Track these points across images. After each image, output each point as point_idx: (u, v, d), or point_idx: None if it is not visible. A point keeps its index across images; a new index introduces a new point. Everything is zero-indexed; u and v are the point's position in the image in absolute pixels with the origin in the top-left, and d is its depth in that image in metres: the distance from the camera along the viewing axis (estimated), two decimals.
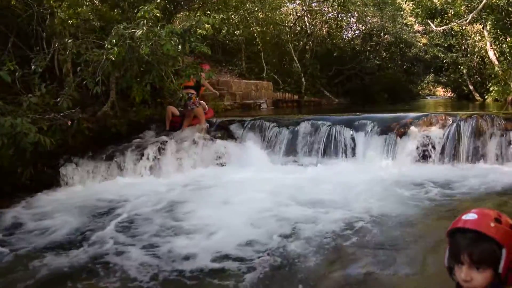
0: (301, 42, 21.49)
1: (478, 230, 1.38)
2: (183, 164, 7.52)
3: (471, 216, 1.43)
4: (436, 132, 7.54)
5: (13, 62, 5.78)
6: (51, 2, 7.50)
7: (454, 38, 22.57)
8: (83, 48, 7.15)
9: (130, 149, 7.38)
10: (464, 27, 21.13)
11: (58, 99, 6.57)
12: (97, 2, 9.60)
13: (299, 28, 21.80)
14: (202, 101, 9.22)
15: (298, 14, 20.96)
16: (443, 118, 7.79)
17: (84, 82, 7.04)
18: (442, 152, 7.35)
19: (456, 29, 21.43)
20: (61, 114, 6.62)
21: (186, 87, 8.48)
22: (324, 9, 21.70)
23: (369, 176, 6.59)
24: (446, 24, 20.09)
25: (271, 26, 20.07)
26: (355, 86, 23.16)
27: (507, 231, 1.40)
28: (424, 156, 7.44)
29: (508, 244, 1.37)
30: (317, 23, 22.05)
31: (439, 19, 20.74)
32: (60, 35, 7.58)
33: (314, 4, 21.22)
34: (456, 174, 6.54)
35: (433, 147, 7.44)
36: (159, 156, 7.39)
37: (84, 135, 7.20)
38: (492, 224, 1.39)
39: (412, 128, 7.71)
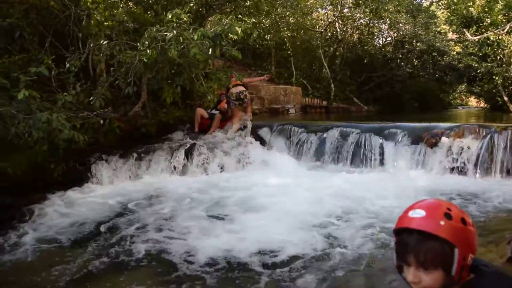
0: (332, 48, 21.37)
1: (426, 231, 1.22)
2: (211, 166, 7.56)
3: (418, 213, 1.26)
4: (468, 144, 7.35)
5: (50, 58, 5.93)
6: (88, 3, 7.68)
7: (489, 48, 22.00)
8: (116, 49, 7.29)
9: (159, 149, 7.48)
10: (500, 37, 20.58)
11: (91, 98, 6.71)
12: (131, 4, 9.78)
13: (329, 34, 21.68)
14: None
15: (329, 20, 20.87)
16: (477, 129, 7.58)
17: (117, 82, 7.18)
18: (475, 164, 7.15)
19: (492, 38, 20.89)
20: (94, 113, 6.76)
21: (239, 85, 8.69)
22: (356, 15, 21.51)
23: (398, 186, 6.47)
24: (482, 33, 19.62)
25: (302, 31, 20.03)
26: (385, 93, 22.84)
27: (458, 228, 1.24)
28: (456, 168, 7.26)
29: (460, 242, 1.22)
30: (348, 29, 21.88)
31: (474, 28, 20.26)
32: (95, 36, 7.75)
33: (345, 10, 21.08)
34: (488, 188, 6.35)
35: (465, 159, 7.25)
36: (188, 157, 7.46)
37: (115, 134, 7.35)
38: (442, 222, 1.22)
39: (444, 139, 7.54)
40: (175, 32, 6.62)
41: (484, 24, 19.70)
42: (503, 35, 19.76)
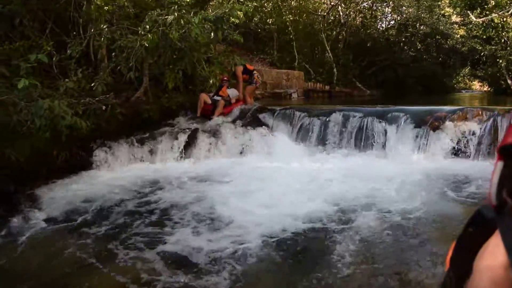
0: (334, 32, 21.19)
1: None
2: (214, 151, 7.58)
3: None
4: (471, 127, 7.31)
5: (50, 44, 5.90)
6: None
7: (494, 30, 21.76)
8: (117, 34, 7.25)
9: (162, 135, 7.49)
10: (505, 19, 20.34)
11: (93, 84, 6.70)
12: None
13: (332, 18, 21.47)
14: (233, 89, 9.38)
15: (332, 3, 20.66)
16: (480, 112, 7.54)
17: (118, 68, 7.16)
18: (478, 147, 7.14)
19: (496, 20, 20.66)
20: (96, 99, 6.76)
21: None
22: None
23: (401, 169, 6.46)
24: (486, 15, 19.39)
25: (304, 15, 19.86)
26: (388, 77, 22.68)
27: None
28: (459, 151, 7.24)
29: None
30: (351, 13, 21.67)
31: (479, 10, 20.02)
32: (96, 21, 7.71)
33: None
34: (491, 171, 6.32)
35: (468, 142, 7.23)
36: (190, 142, 7.47)
37: (117, 120, 7.35)
38: None
39: (447, 122, 7.50)
40: (176, 14, 6.58)
41: (489, 6, 19.46)
42: (508, 17, 19.53)
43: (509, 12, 17.41)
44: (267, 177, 6.22)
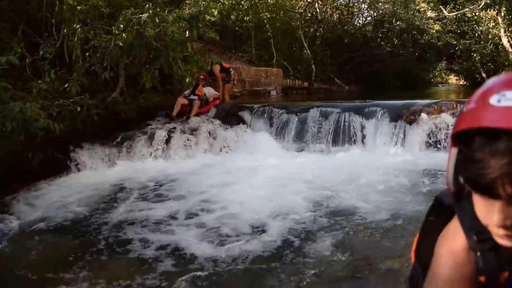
0: (312, 29, 21.29)
1: None
2: (192, 150, 7.55)
3: None
4: (446, 120, 7.44)
5: (21, 45, 5.78)
6: None
7: (467, 25, 22.20)
8: (91, 34, 7.15)
9: (139, 135, 7.43)
10: (477, 13, 20.76)
11: (67, 85, 6.60)
12: None
13: (309, 15, 21.57)
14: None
15: (309, 0, 20.75)
16: (454, 105, 7.69)
17: (93, 68, 7.07)
18: None
19: (469, 15, 21.07)
20: (71, 100, 6.65)
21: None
22: None
23: (378, 163, 6.54)
24: (459, 10, 19.75)
25: (281, 12, 19.89)
26: (366, 73, 22.88)
27: None
28: (434, 144, 7.36)
29: None
30: (328, 9, 21.81)
31: (452, 5, 20.40)
32: (68, 22, 7.58)
33: None
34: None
35: (444, 135, 7.36)
36: (168, 142, 7.42)
37: (93, 121, 7.25)
38: None
39: (423, 115, 7.62)
40: (151, 12, 6.52)
41: (461, 0, 19.84)
42: (480, 11, 19.92)
43: (480, 6, 17.77)
44: (234, 181, 5.93)
